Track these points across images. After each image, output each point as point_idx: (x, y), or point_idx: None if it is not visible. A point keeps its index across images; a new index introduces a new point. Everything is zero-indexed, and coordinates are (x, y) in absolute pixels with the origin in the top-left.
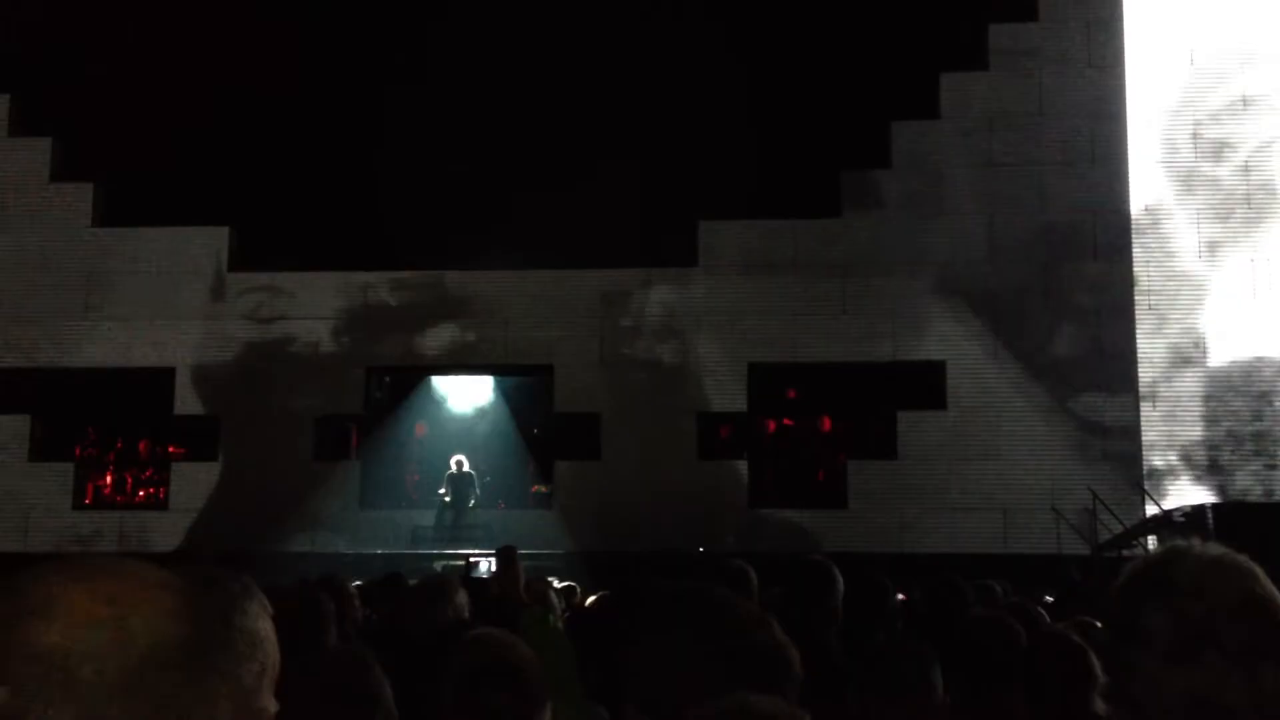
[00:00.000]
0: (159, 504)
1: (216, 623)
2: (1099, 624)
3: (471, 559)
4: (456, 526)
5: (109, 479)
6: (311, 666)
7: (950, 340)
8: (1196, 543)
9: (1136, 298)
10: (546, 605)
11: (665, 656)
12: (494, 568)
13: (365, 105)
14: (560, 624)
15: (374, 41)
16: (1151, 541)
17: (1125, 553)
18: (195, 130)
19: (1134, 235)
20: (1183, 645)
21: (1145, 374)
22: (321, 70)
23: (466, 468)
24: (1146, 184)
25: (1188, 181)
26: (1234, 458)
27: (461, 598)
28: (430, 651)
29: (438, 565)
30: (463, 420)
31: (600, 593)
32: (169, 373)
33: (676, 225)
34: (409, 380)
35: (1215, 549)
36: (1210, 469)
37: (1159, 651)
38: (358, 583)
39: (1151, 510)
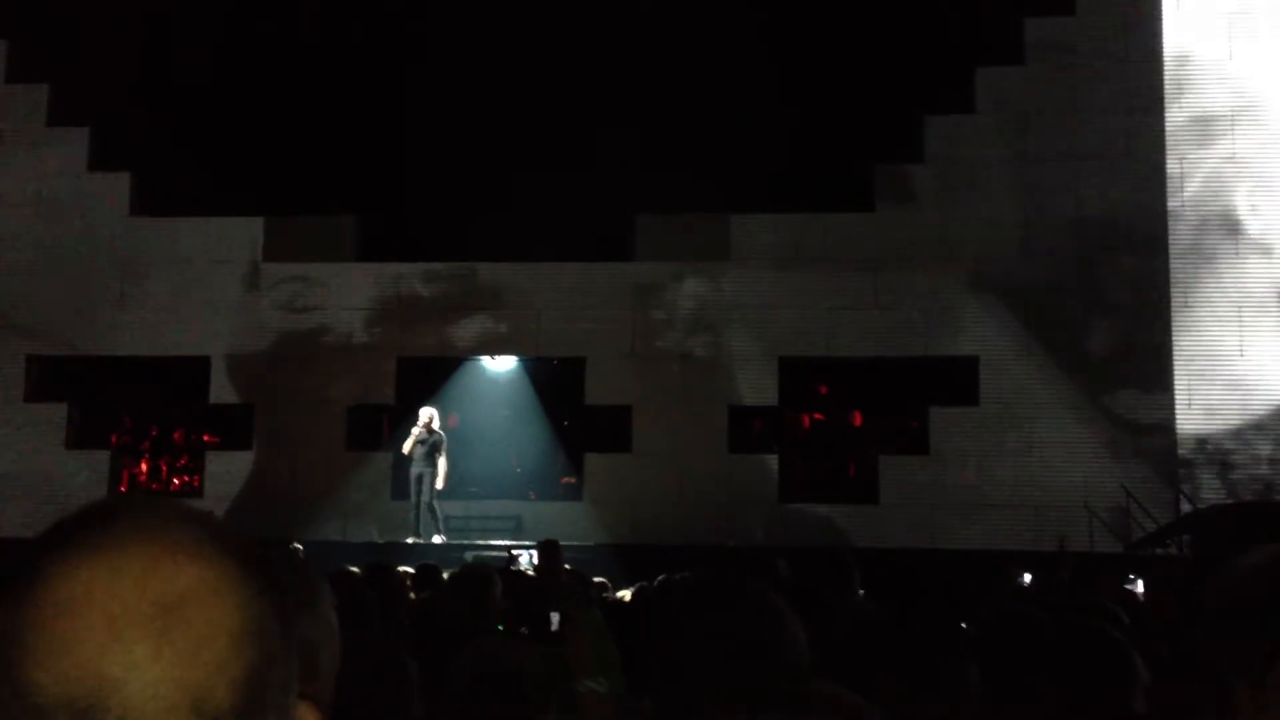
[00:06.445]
0: (194, 492)
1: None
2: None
3: (513, 550)
4: (436, 519)
5: (144, 467)
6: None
7: (983, 336)
8: None
9: (1172, 294)
10: (587, 596)
11: (676, 646)
12: (535, 559)
13: (401, 98)
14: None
15: (413, 34)
16: (1185, 540)
17: (1159, 551)
18: (231, 121)
19: (1170, 230)
20: None
21: (1181, 371)
22: (358, 63)
23: (437, 425)
24: (1183, 179)
25: (1224, 177)
26: (1271, 456)
27: (498, 589)
28: (467, 642)
29: (468, 555)
30: (494, 411)
31: (638, 584)
32: (204, 362)
33: (708, 218)
34: (441, 371)
35: None
36: (1246, 467)
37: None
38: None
39: (1186, 508)
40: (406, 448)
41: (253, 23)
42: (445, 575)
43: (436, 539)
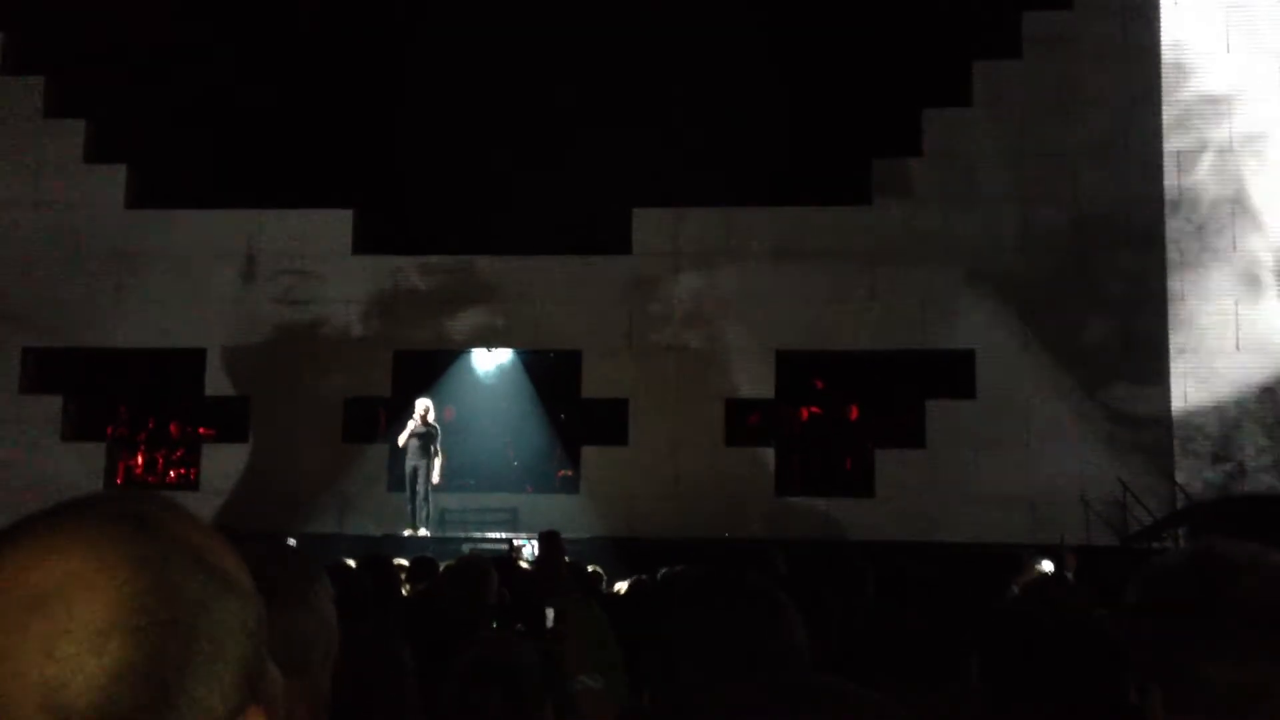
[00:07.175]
0: (190, 484)
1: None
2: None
3: (515, 542)
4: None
5: (140, 459)
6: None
7: (980, 329)
8: (1228, 544)
9: (1169, 287)
10: (588, 589)
11: (676, 642)
12: (536, 550)
13: (398, 91)
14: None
15: (410, 27)
16: (1181, 534)
17: (1155, 544)
18: (228, 114)
19: (1166, 224)
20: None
21: (1177, 364)
22: (355, 56)
23: (433, 418)
24: (1179, 172)
25: (1222, 171)
26: (1267, 450)
27: (495, 582)
28: (464, 634)
29: (465, 548)
30: (491, 403)
31: (634, 577)
32: (200, 354)
33: (705, 212)
34: (438, 363)
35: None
36: (1243, 461)
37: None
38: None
39: (1182, 502)
40: (402, 440)
41: (250, 16)
42: (442, 567)
43: (422, 531)
